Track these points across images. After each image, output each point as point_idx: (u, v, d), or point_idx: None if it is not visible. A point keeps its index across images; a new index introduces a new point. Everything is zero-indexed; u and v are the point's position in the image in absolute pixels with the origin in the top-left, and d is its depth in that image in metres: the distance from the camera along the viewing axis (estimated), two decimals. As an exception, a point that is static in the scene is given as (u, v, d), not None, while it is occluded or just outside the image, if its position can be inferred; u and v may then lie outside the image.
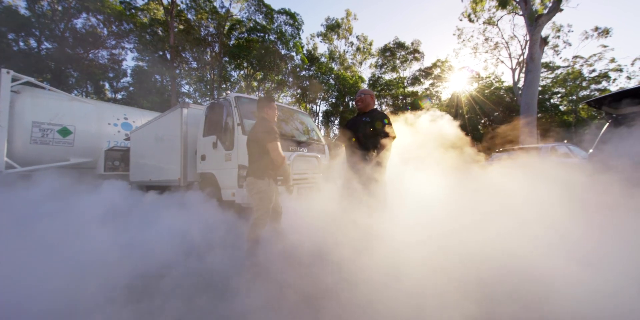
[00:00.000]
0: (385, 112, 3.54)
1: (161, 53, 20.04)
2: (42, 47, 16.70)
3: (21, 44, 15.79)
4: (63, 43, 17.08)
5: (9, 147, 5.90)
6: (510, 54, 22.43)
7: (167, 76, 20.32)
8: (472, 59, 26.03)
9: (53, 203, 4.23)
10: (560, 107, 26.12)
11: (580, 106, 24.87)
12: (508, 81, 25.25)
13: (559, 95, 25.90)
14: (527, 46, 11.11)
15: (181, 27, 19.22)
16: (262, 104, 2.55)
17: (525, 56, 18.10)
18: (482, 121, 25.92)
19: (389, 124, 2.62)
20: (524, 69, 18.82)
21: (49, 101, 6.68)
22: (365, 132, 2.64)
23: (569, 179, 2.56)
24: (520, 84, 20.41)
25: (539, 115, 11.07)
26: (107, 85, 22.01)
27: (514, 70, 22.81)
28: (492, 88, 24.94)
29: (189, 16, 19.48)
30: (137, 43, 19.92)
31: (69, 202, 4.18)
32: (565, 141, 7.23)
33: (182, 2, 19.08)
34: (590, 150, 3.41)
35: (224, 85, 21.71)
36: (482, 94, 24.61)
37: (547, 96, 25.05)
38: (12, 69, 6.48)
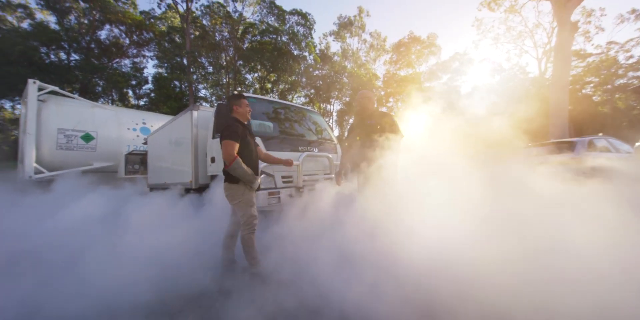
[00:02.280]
0: (391, 112, 3.42)
1: (179, 59, 20.73)
2: (71, 58, 17.80)
3: (52, 56, 16.91)
4: (89, 54, 18.13)
5: (37, 153, 6.22)
6: (535, 43, 21.13)
7: (185, 81, 20.97)
8: (493, 50, 24.79)
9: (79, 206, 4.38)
10: (594, 97, 24.21)
11: (617, 96, 22.90)
12: (533, 72, 23.78)
13: (591, 84, 24.02)
14: (555, 33, 10.29)
15: (197, 33, 19.76)
16: (232, 103, 2.44)
17: (552, 44, 16.93)
18: (507, 115, 24.56)
19: (394, 123, 2.62)
20: (551, 58, 17.60)
21: (72, 108, 6.99)
22: (370, 132, 2.63)
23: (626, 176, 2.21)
24: (548, 75, 19.12)
25: (570, 107, 10.23)
26: (130, 93, 23.08)
27: (540, 60, 21.39)
28: (516, 80, 23.59)
29: (204, 22, 20.00)
30: (157, 51, 20.74)
31: (86, 204, 4.29)
32: (601, 134, 6.55)
33: (197, 9, 19.63)
34: (637, 144, 3.03)
35: (239, 88, 22.07)
36: (505, 86, 23.35)
37: (578, 86, 23.30)
38: (44, 80, 6.83)
